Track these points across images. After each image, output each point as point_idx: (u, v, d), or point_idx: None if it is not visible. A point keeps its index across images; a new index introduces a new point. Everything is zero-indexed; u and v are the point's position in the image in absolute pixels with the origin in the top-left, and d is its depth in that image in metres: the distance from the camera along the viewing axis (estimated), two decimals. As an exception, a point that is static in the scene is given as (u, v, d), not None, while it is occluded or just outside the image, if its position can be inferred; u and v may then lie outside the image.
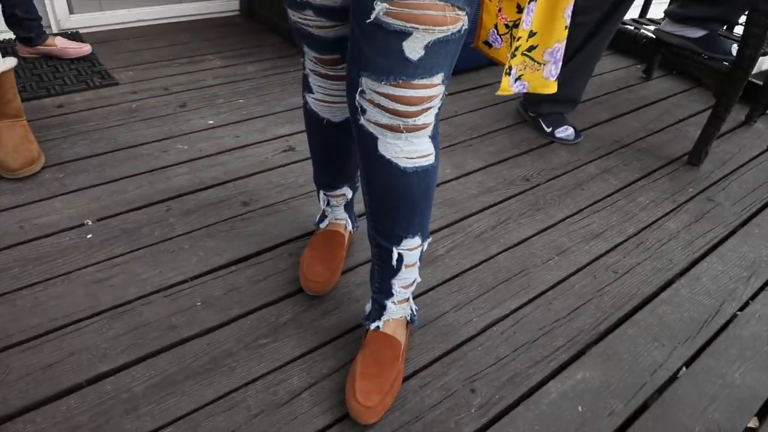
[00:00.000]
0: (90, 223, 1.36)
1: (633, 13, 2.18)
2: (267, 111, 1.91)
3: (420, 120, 0.80)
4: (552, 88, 0.90)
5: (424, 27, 0.71)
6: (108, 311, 1.14)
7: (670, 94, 2.40)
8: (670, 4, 2.08)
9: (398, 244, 0.93)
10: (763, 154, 2.02)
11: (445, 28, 0.72)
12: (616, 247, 1.47)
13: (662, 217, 1.61)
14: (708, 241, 1.54)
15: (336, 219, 1.26)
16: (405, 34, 0.71)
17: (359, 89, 0.79)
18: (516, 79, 0.86)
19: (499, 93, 0.88)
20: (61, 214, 1.38)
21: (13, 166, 1.46)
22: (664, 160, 1.90)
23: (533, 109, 1.97)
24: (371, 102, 0.79)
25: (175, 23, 2.53)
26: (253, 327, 1.13)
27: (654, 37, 1.98)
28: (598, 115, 2.15)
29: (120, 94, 1.92)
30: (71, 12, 2.38)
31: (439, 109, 0.82)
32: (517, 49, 0.83)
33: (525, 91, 0.89)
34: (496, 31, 0.90)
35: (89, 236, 1.32)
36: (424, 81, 0.76)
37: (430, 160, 0.85)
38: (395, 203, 0.88)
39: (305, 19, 0.88)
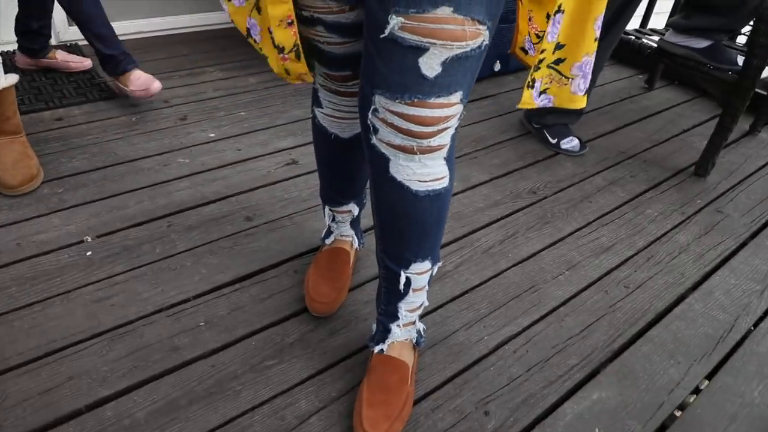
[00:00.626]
0: (89, 239, 1.33)
1: (634, 23, 2.17)
2: (269, 123, 1.88)
3: (435, 141, 0.76)
4: (581, 103, 0.86)
5: (441, 42, 0.67)
6: (108, 332, 1.10)
7: (673, 104, 2.38)
8: (673, 14, 2.08)
9: (407, 267, 0.90)
10: (769, 165, 2.01)
11: (464, 43, 0.68)
12: (626, 261, 1.45)
13: (671, 229, 1.59)
14: (719, 253, 1.51)
15: (342, 235, 1.23)
16: (421, 50, 0.68)
17: (372, 107, 0.75)
18: (540, 93, 0.83)
19: (519, 106, 0.84)
20: (60, 230, 1.35)
21: (12, 183, 1.43)
22: (671, 171, 1.88)
23: (537, 121, 1.95)
24: (384, 121, 0.75)
25: (174, 35, 2.51)
26: (259, 348, 1.10)
27: (658, 47, 1.97)
28: (602, 126, 2.13)
29: (119, 107, 1.90)
30: (70, 24, 2.35)
31: (456, 129, 0.78)
32: (541, 61, 0.80)
33: (551, 105, 0.85)
34: (530, 39, 0.87)
35: (89, 253, 1.29)
36: (441, 100, 0.72)
37: (443, 183, 0.81)
38: (405, 227, 0.85)
39: (316, 35, 0.85)
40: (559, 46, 0.80)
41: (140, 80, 1.83)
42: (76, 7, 1.74)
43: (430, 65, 0.69)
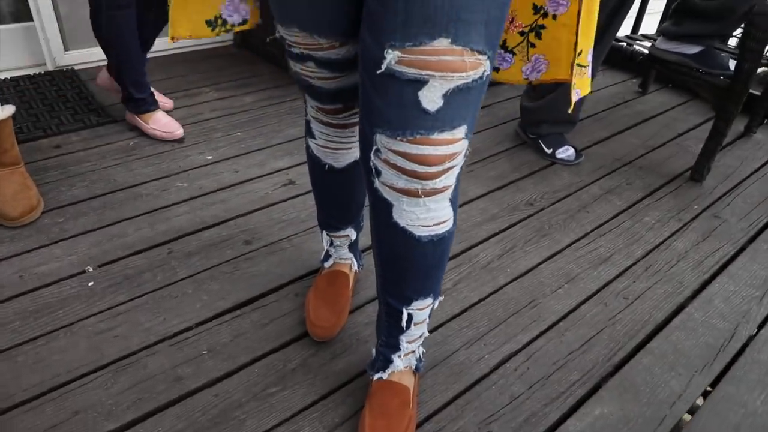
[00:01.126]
0: (91, 269, 1.34)
1: (625, 29, 2.18)
2: (265, 143, 1.90)
3: (440, 183, 0.74)
4: (589, 87, 0.85)
5: (441, 74, 0.65)
6: (112, 364, 1.11)
7: (668, 108, 2.39)
8: (663, 20, 2.09)
9: (408, 305, 0.90)
10: (765, 166, 2.02)
11: (464, 74, 0.66)
12: (625, 271, 1.45)
13: (669, 237, 1.60)
14: (717, 260, 1.52)
15: (341, 259, 1.24)
16: (420, 83, 0.66)
17: (374, 148, 0.73)
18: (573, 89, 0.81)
19: (571, 110, 0.82)
20: (62, 261, 1.36)
21: (12, 215, 1.44)
22: (667, 177, 1.89)
23: (532, 131, 1.96)
24: (387, 162, 0.73)
25: (169, 56, 2.53)
26: (261, 375, 1.11)
27: (650, 54, 1.98)
28: (597, 133, 2.14)
29: (117, 132, 1.91)
30: (66, 49, 2.37)
31: (461, 168, 0.76)
32: (573, 60, 0.78)
33: (579, 97, 0.83)
34: (502, 51, 0.86)
35: (90, 284, 1.30)
36: (445, 135, 0.70)
37: (447, 226, 0.80)
38: (407, 269, 0.85)
39: (306, 71, 0.86)
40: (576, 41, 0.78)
41: (164, 122, 1.86)
42: (125, 63, 1.76)
43: (431, 98, 0.67)
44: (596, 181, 1.83)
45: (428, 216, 0.77)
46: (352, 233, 1.20)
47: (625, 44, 2.07)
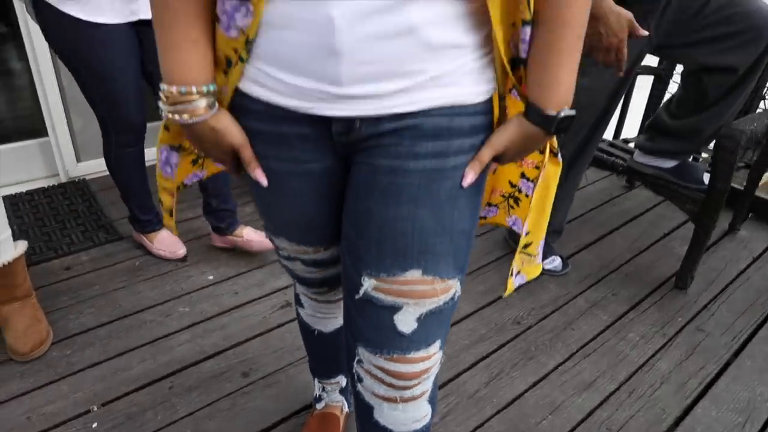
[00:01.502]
0: (95, 408, 1.40)
1: (608, 132, 2.28)
2: (264, 260, 1.98)
3: (418, 390, 0.80)
4: (538, 272, 0.94)
5: (414, 301, 0.73)
6: None
7: (654, 204, 2.47)
8: (639, 135, 2.20)
9: None
10: (749, 268, 2.07)
11: (436, 299, 0.73)
12: (608, 397, 1.50)
13: (653, 356, 1.65)
14: (700, 381, 1.56)
15: (332, 401, 1.30)
16: (395, 309, 0.73)
17: (357, 358, 0.81)
18: (516, 274, 0.89)
19: (506, 295, 0.90)
20: (68, 399, 1.43)
21: (23, 351, 1.52)
22: (652, 286, 1.95)
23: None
24: (368, 372, 0.80)
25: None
26: None
27: (628, 166, 2.07)
28: (584, 237, 2.21)
29: (124, 251, 2.01)
30: (78, 160, 2.52)
31: (437, 374, 0.83)
32: (514, 251, 0.86)
33: (523, 282, 0.90)
34: (487, 206, 0.93)
35: (94, 425, 1.36)
36: (420, 354, 0.76)
37: (425, 421, 0.86)
38: None
39: (295, 269, 0.95)
40: (525, 233, 0.87)
41: (167, 242, 1.97)
42: (131, 192, 1.89)
43: (406, 322, 0.74)
44: (582, 293, 1.90)
45: (407, 417, 0.84)
46: (342, 380, 1.26)
47: (605, 155, 2.17)
